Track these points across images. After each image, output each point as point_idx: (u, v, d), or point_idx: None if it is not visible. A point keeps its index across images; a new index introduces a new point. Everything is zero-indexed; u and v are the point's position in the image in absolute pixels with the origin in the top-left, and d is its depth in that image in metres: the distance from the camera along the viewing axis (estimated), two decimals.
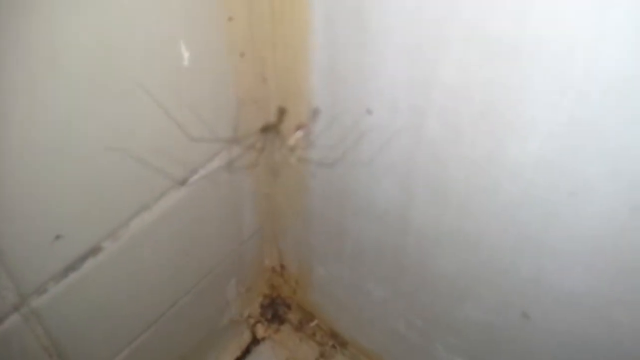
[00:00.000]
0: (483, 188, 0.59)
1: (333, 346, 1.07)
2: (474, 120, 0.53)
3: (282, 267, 1.05)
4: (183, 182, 0.73)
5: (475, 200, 0.61)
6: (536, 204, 0.55)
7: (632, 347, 0.58)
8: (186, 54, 0.62)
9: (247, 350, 1.07)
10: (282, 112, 0.67)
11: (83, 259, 0.65)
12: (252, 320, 1.09)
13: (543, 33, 0.44)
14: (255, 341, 1.09)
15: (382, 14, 0.54)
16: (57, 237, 0.60)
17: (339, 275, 0.93)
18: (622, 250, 0.51)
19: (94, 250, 0.66)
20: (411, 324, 0.86)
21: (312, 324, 1.09)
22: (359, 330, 1.01)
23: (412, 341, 0.89)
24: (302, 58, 0.65)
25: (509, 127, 0.51)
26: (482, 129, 0.53)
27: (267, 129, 0.65)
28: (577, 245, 0.54)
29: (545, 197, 0.53)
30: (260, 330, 1.09)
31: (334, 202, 0.80)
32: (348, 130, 0.64)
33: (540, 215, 0.55)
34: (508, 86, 0.49)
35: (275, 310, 1.12)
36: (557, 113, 0.47)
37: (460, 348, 0.81)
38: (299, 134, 0.63)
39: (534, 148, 0.51)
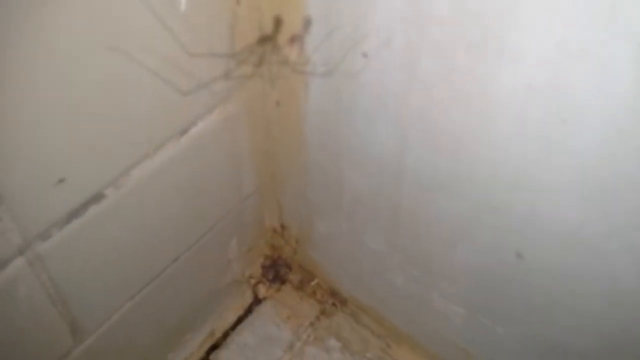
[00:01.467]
0: (476, 125, 0.60)
1: (333, 304, 1.09)
2: (467, 52, 0.54)
3: (283, 227, 1.07)
4: (183, 133, 0.74)
5: (469, 139, 0.62)
6: (529, 136, 0.56)
7: (626, 279, 0.60)
8: None
9: (249, 310, 1.09)
10: (278, 23, 0.64)
11: (86, 205, 0.66)
12: (253, 281, 1.11)
13: None
14: (257, 301, 1.10)
15: None
16: (60, 180, 0.61)
17: (337, 230, 0.94)
18: (613, 177, 0.52)
19: (97, 197, 0.67)
20: (408, 274, 0.88)
21: (313, 283, 1.11)
22: (357, 286, 1.03)
23: (409, 292, 0.90)
24: None
25: (500, 56, 0.52)
26: (474, 62, 0.54)
27: (263, 41, 0.64)
28: (569, 175, 0.55)
29: (538, 127, 0.54)
30: (262, 290, 1.11)
31: (330, 152, 0.81)
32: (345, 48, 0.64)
33: (533, 148, 0.56)
34: (498, 13, 0.50)
35: (276, 270, 1.13)
36: (546, 38, 0.48)
37: (456, 295, 0.82)
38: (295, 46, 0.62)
39: (525, 76, 0.52)
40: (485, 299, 0.78)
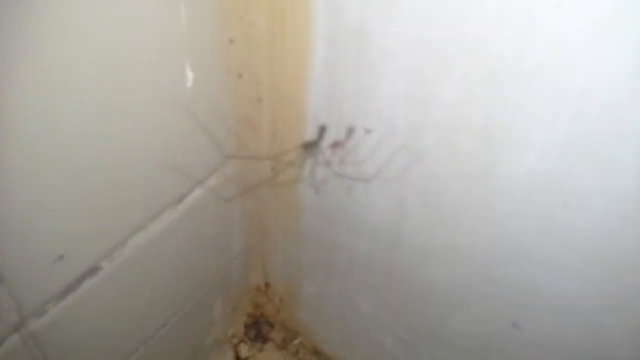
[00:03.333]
0: (477, 202, 0.62)
1: None
2: (471, 137, 0.57)
3: (267, 285, 1.06)
4: (180, 200, 0.74)
5: (468, 214, 0.64)
6: (529, 216, 0.58)
7: (619, 352, 0.62)
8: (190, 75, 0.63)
9: None
10: (322, 131, 0.68)
11: (82, 279, 0.64)
12: (235, 340, 1.09)
13: (543, 55, 0.48)
14: None
15: (384, 37, 0.57)
16: (60, 257, 0.59)
17: (328, 292, 0.94)
18: (613, 258, 0.55)
19: (93, 271, 0.65)
20: (399, 338, 0.88)
21: (296, 342, 1.10)
22: (344, 346, 1.02)
23: (397, 355, 0.91)
24: (301, 79, 0.67)
25: (505, 144, 0.55)
26: (478, 146, 0.57)
27: (309, 146, 0.67)
28: (569, 255, 0.58)
29: (539, 209, 0.57)
30: (244, 350, 1.09)
31: (328, 221, 0.82)
32: (349, 150, 0.67)
33: (533, 227, 0.59)
34: (506, 105, 0.53)
35: (258, 329, 1.12)
36: (552, 132, 0.51)
37: None
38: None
39: (528, 165, 0.54)
40: None
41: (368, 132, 0.65)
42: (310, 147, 0.66)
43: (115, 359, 0.77)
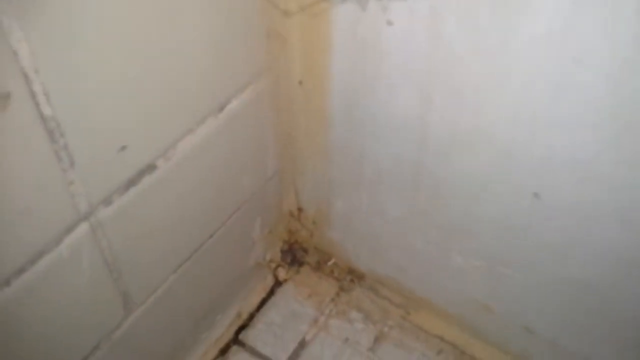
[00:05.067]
0: (497, 75, 0.68)
1: (351, 280, 1.15)
2: (490, 8, 0.62)
3: (300, 210, 1.13)
4: (220, 109, 0.80)
5: (490, 91, 0.70)
6: (546, 79, 0.64)
7: (634, 208, 0.68)
8: None
9: (271, 292, 1.14)
10: None
11: (142, 174, 0.71)
12: (273, 265, 1.16)
13: None
14: (277, 283, 1.16)
15: None
16: (123, 147, 0.66)
17: (357, 206, 1.01)
18: (621, 106, 0.61)
19: (150, 168, 0.72)
20: (427, 237, 0.95)
21: (330, 263, 1.17)
22: (375, 259, 1.09)
23: (428, 256, 0.97)
24: None
25: (521, 10, 0.61)
26: (496, 16, 0.63)
27: None
28: (582, 110, 0.63)
29: (553, 69, 0.63)
30: (282, 273, 1.16)
31: (353, 128, 0.88)
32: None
33: (549, 90, 0.65)
34: None
35: (293, 254, 1.19)
36: None
37: (475, 250, 0.89)
38: None
39: (542, 25, 0.60)
40: (504, 248, 0.85)
41: (390, 23, 0.71)
42: None
43: (170, 262, 0.84)
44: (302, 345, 1.06)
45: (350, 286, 1.15)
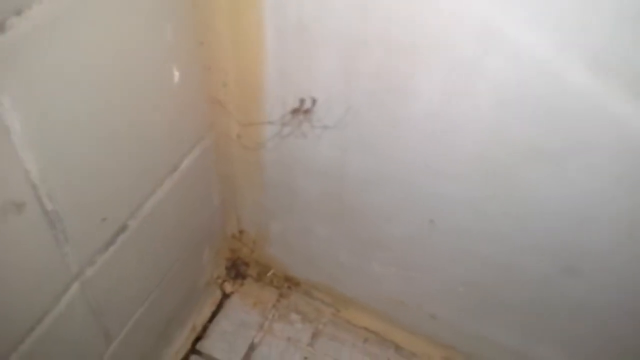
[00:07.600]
0: (396, 135, 0.89)
1: (288, 287, 1.35)
2: (386, 91, 0.83)
3: (241, 232, 1.30)
4: (174, 170, 0.96)
5: (391, 145, 0.91)
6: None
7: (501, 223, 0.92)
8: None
9: (220, 305, 1.32)
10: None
11: (117, 234, 0.86)
12: (220, 280, 1.33)
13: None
14: (225, 296, 1.33)
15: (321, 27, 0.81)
16: (104, 219, 0.81)
17: (291, 226, 1.20)
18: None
19: (123, 228, 0.87)
20: (351, 250, 1.16)
21: (269, 274, 1.36)
22: (308, 268, 1.29)
23: (353, 264, 1.18)
24: (257, 67, 0.90)
25: (407, 89, 0.81)
26: (392, 98, 0.83)
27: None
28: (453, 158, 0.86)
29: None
30: (228, 287, 1.34)
31: (285, 169, 1.07)
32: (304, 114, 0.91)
33: (434, 153, 0.86)
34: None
35: (237, 269, 1.37)
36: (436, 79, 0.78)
37: (390, 260, 1.12)
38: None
39: (426, 102, 0.81)
40: (411, 258, 1.08)
41: (314, 100, 0.90)
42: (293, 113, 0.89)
43: (139, 297, 1.00)
44: (252, 348, 1.25)
45: (288, 292, 1.34)
